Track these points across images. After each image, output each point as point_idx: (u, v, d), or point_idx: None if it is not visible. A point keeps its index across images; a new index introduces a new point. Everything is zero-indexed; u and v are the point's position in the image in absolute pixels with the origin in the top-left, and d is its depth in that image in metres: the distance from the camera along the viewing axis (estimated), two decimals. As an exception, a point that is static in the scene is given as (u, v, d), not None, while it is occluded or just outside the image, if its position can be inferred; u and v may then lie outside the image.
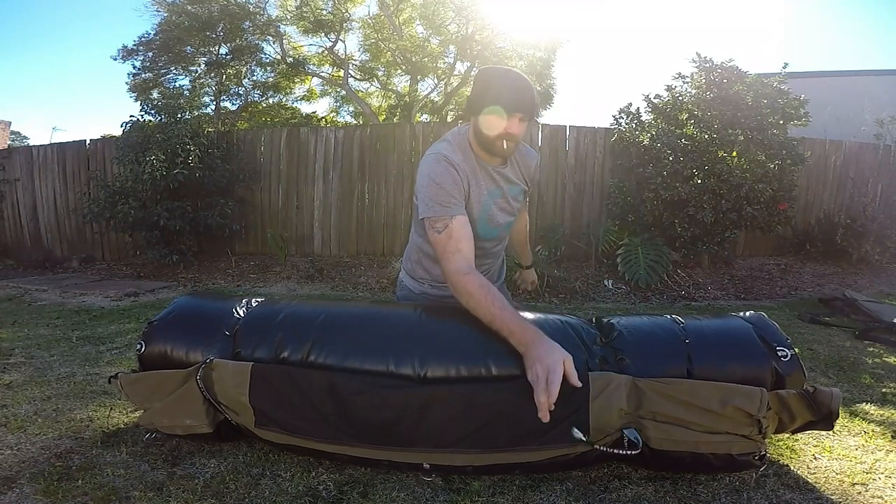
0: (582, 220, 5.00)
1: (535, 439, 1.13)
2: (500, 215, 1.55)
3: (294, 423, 1.22)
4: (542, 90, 11.58)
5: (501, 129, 1.36)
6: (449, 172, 1.41)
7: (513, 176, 1.56)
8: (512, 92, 1.34)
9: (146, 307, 3.50)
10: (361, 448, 1.21)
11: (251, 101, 12.45)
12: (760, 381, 1.19)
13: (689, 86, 4.53)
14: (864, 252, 4.64)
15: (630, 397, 1.14)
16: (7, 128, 14.36)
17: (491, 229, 1.55)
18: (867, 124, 5.74)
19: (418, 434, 1.17)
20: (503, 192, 1.53)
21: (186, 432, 1.32)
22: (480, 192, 1.47)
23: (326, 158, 5.31)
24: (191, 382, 1.26)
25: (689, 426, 1.15)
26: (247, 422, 1.26)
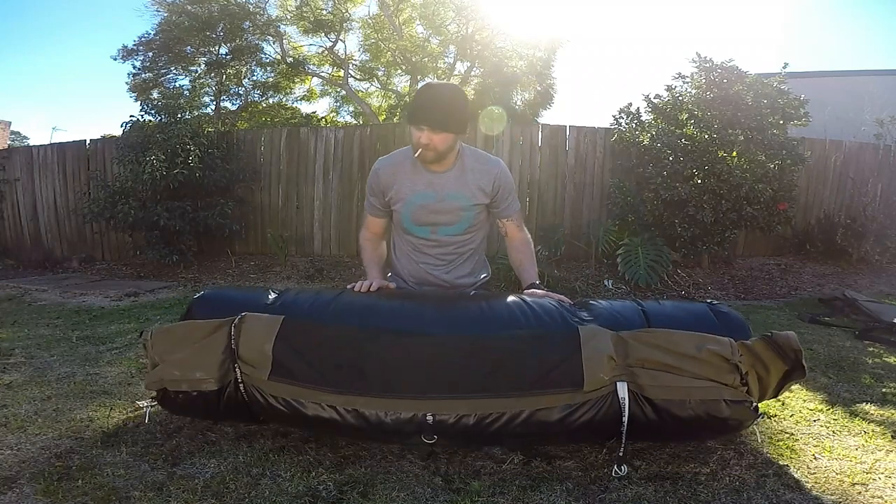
0: (582, 220, 4.99)
1: (534, 385, 1.23)
2: (430, 216, 1.70)
3: (307, 372, 1.29)
4: (541, 90, 11.57)
5: (416, 139, 1.57)
6: (370, 178, 1.75)
7: (454, 185, 1.68)
8: (421, 106, 1.55)
9: (146, 307, 3.50)
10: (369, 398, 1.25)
11: (251, 101, 12.43)
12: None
13: (689, 86, 4.53)
14: (864, 252, 4.63)
15: (617, 347, 1.24)
16: (7, 128, 14.35)
17: (418, 227, 1.72)
18: (867, 124, 5.74)
19: (425, 380, 1.25)
20: (438, 196, 1.68)
21: (191, 388, 1.33)
22: (402, 192, 1.68)
23: (326, 158, 5.31)
24: (217, 333, 1.34)
25: (675, 371, 1.23)
26: (259, 376, 1.30)
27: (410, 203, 1.69)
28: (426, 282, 1.77)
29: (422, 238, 1.74)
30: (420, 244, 1.76)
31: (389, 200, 1.72)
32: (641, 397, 1.23)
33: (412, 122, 1.56)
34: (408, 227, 1.74)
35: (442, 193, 1.67)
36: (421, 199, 1.68)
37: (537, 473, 1.31)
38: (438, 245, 1.75)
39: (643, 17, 24.56)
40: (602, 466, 1.34)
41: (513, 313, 1.36)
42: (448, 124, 1.55)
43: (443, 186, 1.67)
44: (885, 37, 38.45)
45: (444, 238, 1.74)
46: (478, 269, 1.85)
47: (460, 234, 1.75)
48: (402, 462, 1.37)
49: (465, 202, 1.69)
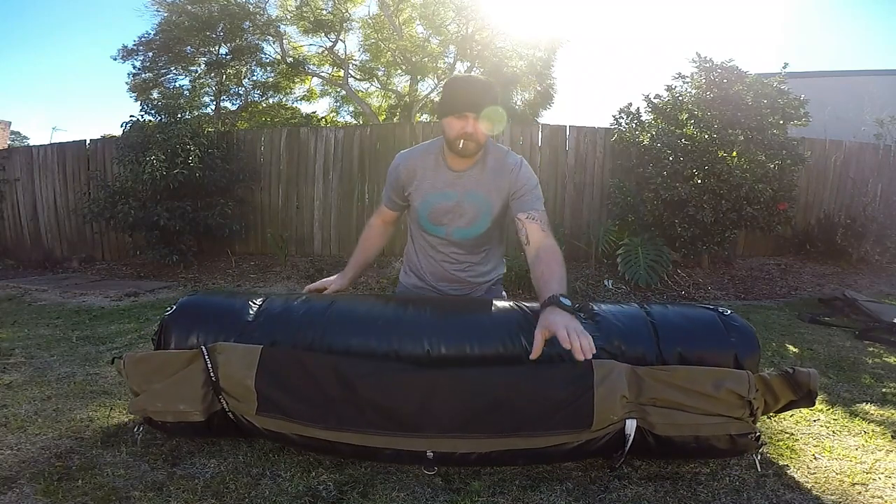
0: (582, 220, 4.99)
1: (539, 425, 1.16)
2: (447, 217, 1.65)
3: (297, 407, 1.22)
4: (541, 90, 11.58)
5: (459, 130, 1.48)
6: (390, 170, 1.71)
7: (474, 185, 1.61)
8: (466, 94, 1.49)
9: (146, 307, 3.50)
10: (364, 434, 1.20)
11: (251, 101, 12.44)
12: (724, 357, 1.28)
13: (689, 86, 4.53)
14: (864, 252, 4.63)
15: (630, 384, 1.18)
16: (7, 128, 14.35)
17: (434, 226, 1.67)
18: (867, 124, 5.74)
19: (422, 418, 1.19)
20: (457, 197, 1.62)
21: (177, 419, 1.29)
22: (421, 189, 1.64)
23: (326, 158, 5.31)
24: (194, 365, 1.27)
25: (688, 409, 1.20)
26: (247, 409, 1.25)
27: (428, 202, 1.64)
28: (444, 278, 1.75)
29: (437, 237, 1.71)
30: (436, 242, 1.73)
31: (408, 196, 1.68)
32: (649, 433, 1.21)
33: (456, 111, 1.48)
34: (424, 225, 1.70)
35: (462, 194, 1.62)
36: (440, 199, 1.63)
37: (537, 473, 1.31)
38: (454, 245, 1.71)
39: (643, 17, 24.57)
40: (602, 466, 1.34)
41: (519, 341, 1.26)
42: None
43: (463, 187, 1.61)
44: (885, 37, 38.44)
45: (460, 239, 1.70)
46: (496, 266, 1.82)
47: (476, 236, 1.70)
48: (402, 462, 1.36)
49: (483, 205, 1.64)
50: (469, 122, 1.47)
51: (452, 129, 1.50)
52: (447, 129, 1.51)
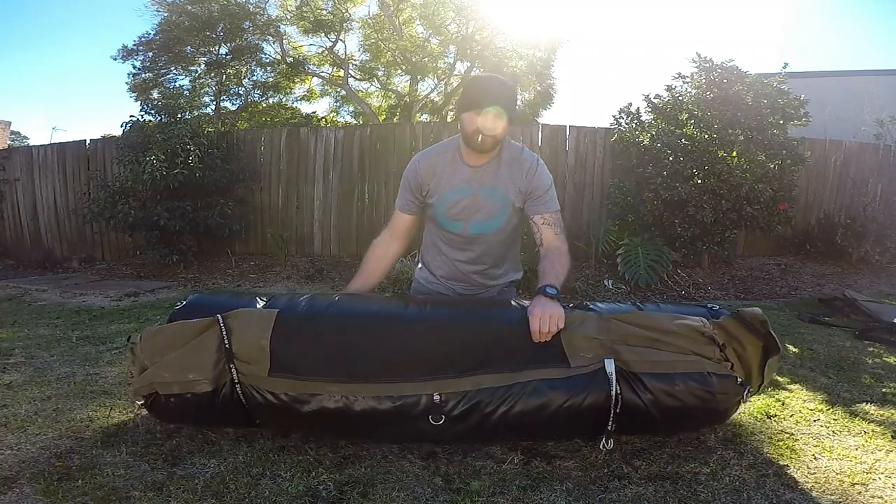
0: (582, 220, 4.99)
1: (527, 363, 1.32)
2: (463, 212, 1.67)
3: (309, 365, 1.30)
4: (541, 90, 11.58)
5: (476, 125, 1.52)
6: (408, 171, 1.70)
7: (490, 180, 1.65)
8: (485, 91, 1.53)
9: (146, 307, 3.50)
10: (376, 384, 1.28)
11: (251, 101, 12.43)
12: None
13: (689, 86, 4.53)
14: (864, 252, 4.63)
15: (600, 328, 1.35)
16: (7, 128, 14.34)
17: (451, 222, 1.69)
18: (867, 124, 5.73)
19: (430, 362, 1.31)
20: (473, 191, 1.65)
21: (183, 390, 1.31)
22: (440, 185, 1.66)
23: (326, 158, 5.31)
24: (208, 333, 1.32)
25: (657, 346, 1.32)
26: (258, 373, 1.29)
27: (446, 197, 1.66)
28: (458, 279, 1.75)
29: (455, 233, 1.71)
30: (453, 240, 1.73)
31: (426, 194, 1.69)
32: (629, 374, 1.30)
33: (475, 107, 1.52)
34: (441, 222, 1.71)
35: (478, 189, 1.65)
36: (457, 194, 1.66)
37: (537, 473, 1.31)
38: (471, 241, 1.72)
39: (643, 17, 24.55)
40: (602, 466, 1.34)
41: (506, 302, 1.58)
42: (512, 110, 1.56)
43: (479, 182, 1.65)
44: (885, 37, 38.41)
45: (477, 235, 1.70)
46: (511, 268, 1.82)
47: (493, 232, 1.71)
48: (402, 462, 1.37)
49: (499, 199, 1.66)
50: (488, 118, 1.51)
51: (471, 124, 1.54)
52: (466, 124, 1.55)
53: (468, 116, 1.54)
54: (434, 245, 1.78)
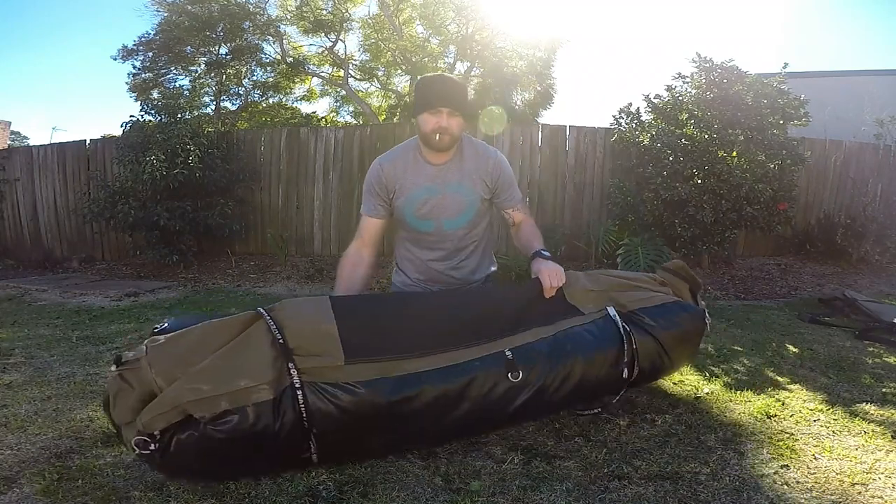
0: (582, 220, 4.99)
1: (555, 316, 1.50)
2: (432, 210, 1.69)
3: (385, 344, 1.23)
4: (541, 90, 11.57)
5: (433, 124, 1.57)
6: (371, 177, 1.71)
7: (456, 176, 1.69)
8: (438, 90, 1.57)
9: (146, 307, 3.50)
10: (455, 351, 1.30)
11: (251, 101, 12.43)
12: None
13: (689, 86, 4.53)
14: (864, 252, 4.63)
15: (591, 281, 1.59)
16: (7, 128, 14.34)
17: (422, 221, 1.71)
18: (867, 124, 5.73)
19: (485, 328, 1.39)
20: (440, 189, 1.68)
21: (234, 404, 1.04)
22: (406, 186, 1.67)
23: (326, 158, 5.31)
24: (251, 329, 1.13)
25: (637, 289, 1.62)
26: (330, 364, 1.13)
27: (413, 197, 1.68)
28: (434, 279, 1.76)
29: (425, 232, 1.73)
30: (424, 239, 1.74)
31: (393, 196, 1.70)
32: (627, 313, 1.54)
33: (429, 107, 1.57)
34: (411, 222, 1.72)
35: (444, 185, 1.68)
36: (424, 193, 1.68)
37: (537, 473, 1.31)
38: (443, 239, 1.73)
39: (643, 17, 24.55)
40: (602, 466, 1.34)
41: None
42: (464, 107, 1.60)
43: (444, 178, 1.68)
44: (885, 37, 38.41)
45: (449, 231, 1.73)
46: (485, 263, 1.85)
47: (464, 227, 1.74)
48: (402, 462, 1.37)
49: (467, 194, 1.70)
50: (443, 117, 1.56)
51: (427, 124, 1.58)
52: (422, 125, 1.60)
53: (424, 118, 1.59)
54: (405, 248, 1.80)
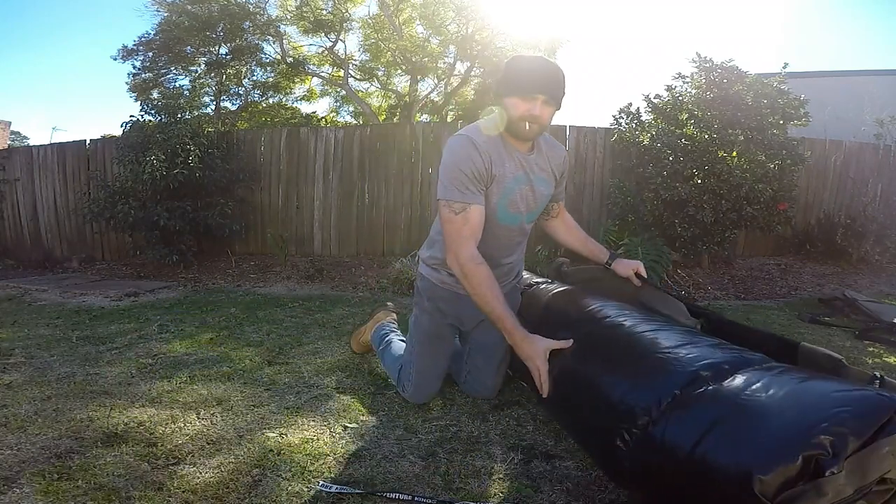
0: (582, 220, 4.99)
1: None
2: (522, 203, 1.56)
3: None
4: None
5: (524, 111, 1.41)
6: (471, 157, 1.43)
7: (540, 166, 1.58)
8: (536, 74, 1.40)
9: (146, 307, 3.50)
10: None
11: (251, 101, 12.44)
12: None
13: (689, 86, 4.52)
14: (864, 252, 4.63)
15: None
16: (7, 128, 14.35)
17: (511, 215, 1.56)
18: (867, 124, 5.73)
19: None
20: (529, 180, 1.55)
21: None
22: (505, 176, 1.49)
23: (326, 158, 5.31)
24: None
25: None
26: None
27: (509, 188, 1.51)
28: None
29: (506, 227, 1.57)
30: (500, 235, 1.57)
31: (488, 184, 1.48)
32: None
33: (524, 92, 1.40)
34: (501, 217, 1.53)
35: (533, 177, 1.56)
36: (518, 184, 1.53)
37: (537, 473, 1.31)
38: (519, 235, 1.64)
39: (643, 17, 24.55)
40: (602, 466, 1.34)
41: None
42: (561, 98, 1.45)
43: (532, 169, 1.55)
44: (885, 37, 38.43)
45: (527, 226, 1.64)
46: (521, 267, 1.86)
47: (534, 221, 1.68)
48: (402, 462, 1.37)
49: (547, 186, 1.62)
50: (537, 105, 1.41)
51: (517, 109, 1.42)
52: (511, 109, 1.43)
53: (513, 101, 1.42)
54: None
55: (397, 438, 1.49)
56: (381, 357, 1.97)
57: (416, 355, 1.71)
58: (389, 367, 1.88)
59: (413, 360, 1.71)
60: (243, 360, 2.21)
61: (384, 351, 1.95)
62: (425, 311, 1.71)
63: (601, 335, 1.34)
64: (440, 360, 1.73)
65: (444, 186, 1.46)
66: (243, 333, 2.69)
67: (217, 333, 2.69)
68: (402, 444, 1.45)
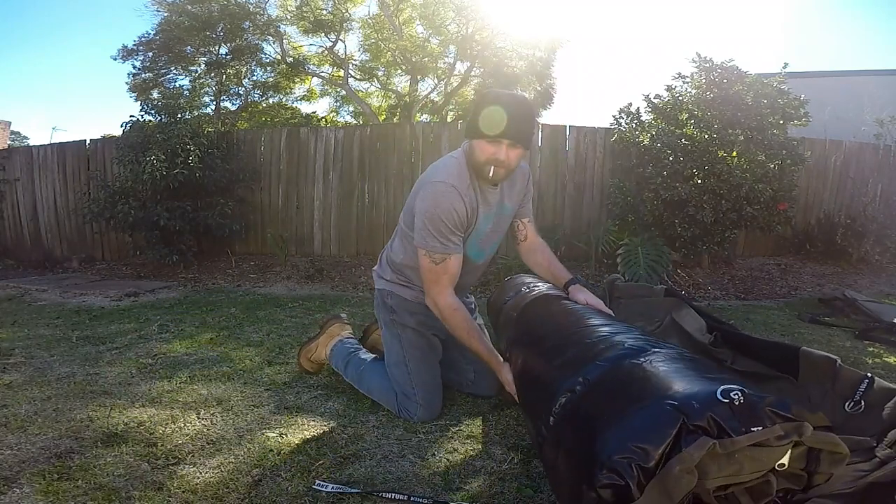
0: (582, 220, 4.99)
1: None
2: (491, 237, 1.58)
3: None
4: (541, 90, 11.58)
5: (490, 154, 1.38)
6: (455, 209, 1.41)
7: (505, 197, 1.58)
8: (502, 117, 1.35)
9: (146, 307, 3.50)
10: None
11: (251, 101, 12.43)
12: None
13: (689, 86, 4.52)
14: (864, 252, 4.63)
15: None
16: (7, 128, 14.35)
17: (481, 252, 1.59)
18: (867, 124, 5.73)
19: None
20: (496, 214, 1.55)
21: None
22: (479, 219, 1.50)
23: (326, 158, 5.31)
24: None
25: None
26: None
27: (481, 228, 1.51)
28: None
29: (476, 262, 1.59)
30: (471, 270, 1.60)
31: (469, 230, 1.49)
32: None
33: (491, 136, 1.36)
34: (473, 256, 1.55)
35: (498, 209, 1.55)
36: (488, 222, 1.53)
37: (537, 473, 1.31)
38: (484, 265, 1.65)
39: (643, 17, 24.56)
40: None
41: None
42: (529, 140, 1.42)
43: (500, 202, 1.55)
44: (885, 37, 38.45)
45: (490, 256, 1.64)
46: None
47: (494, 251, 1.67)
48: (402, 462, 1.37)
49: (509, 212, 1.61)
50: (502, 149, 1.38)
51: (483, 153, 1.39)
52: (477, 152, 1.41)
53: (480, 145, 1.39)
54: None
55: (397, 438, 1.49)
56: (357, 381, 1.78)
57: (415, 373, 1.61)
58: (377, 395, 1.71)
59: (412, 380, 1.61)
60: (243, 360, 2.21)
61: (361, 375, 1.76)
62: (408, 327, 1.65)
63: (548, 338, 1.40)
64: (436, 369, 1.68)
65: (423, 235, 1.43)
66: (243, 333, 2.69)
67: (217, 333, 2.69)
68: (402, 444, 1.45)
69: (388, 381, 1.67)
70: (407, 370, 1.63)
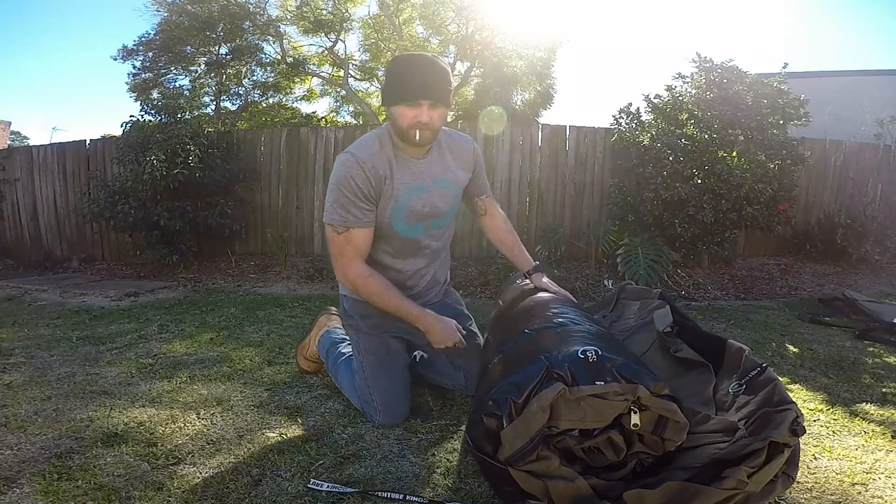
0: (582, 220, 4.99)
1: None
2: (424, 210, 1.52)
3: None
4: (541, 90, 11.58)
5: (411, 118, 1.37)
6: (352, 177, 1.40)
7: (440, 169, 1.53)
8: (417, 78, 1.34)
9: (146, 307, 3.50)
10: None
11: (251, 101, 12.44)
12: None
13: (689, 86, 4.52)
14: (864, 252, 4.63)
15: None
16: (7, 128, 14.36)
17: (411, 226, 1.52)
18: (867, 124, 5.74)
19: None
20: (426, 186, 1.50)
21: None
22: (396, 188, 1.46)
23: (326, 158, 5.30)
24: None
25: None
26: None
27: (404, 200, 1.47)
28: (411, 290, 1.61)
29: (412, 238, 1.54)
30: (407, 248, 1.55)
31: (380, 200, 1.45)
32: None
33: (408, 99, 1.35)
34: (399, 230, 1.50)
35: (431, 181, 1.50)
36: (415, 193, 1.48)
37: (537, 473, 1.31)
38: (429, 243, 1.59)
39: (643, 17, 24.56)
40: (602, 466, 1.34)
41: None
42: (448, 96, 1.39)
43: (430, 174, 1.50)
44: (885, 37, 38.45)
45: (437, 231, 1.59)
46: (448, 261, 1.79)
47: (449, 225, 1.63)
48: (402, 462, 1.37)
49: (454, 187, 1.58)
50: (423, 110, 1.35)
51: (404, 118, 1.37)
52: (398, 118, 1.38)
53: (400, 110, 1.37)
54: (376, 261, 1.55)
55: (397, 438, 1.49)
56: (333, 374, 1.77)
57: (371, 378, 1.57)
58: (347, 393, 1.70)
59: (370, 385, 1.57)
60: (243, 360, 2.21)
61: (336, 369, 1.75)
62: (363, 333, 1.61)
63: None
64: (398, 373, 1.60)
65: (327, 208, 1.45)
66: (243, 333, 2.69)
67: (217, 333, 2.69)
68: (402, 444, 1.45)
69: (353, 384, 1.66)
70: (364, 375, 1.59)
